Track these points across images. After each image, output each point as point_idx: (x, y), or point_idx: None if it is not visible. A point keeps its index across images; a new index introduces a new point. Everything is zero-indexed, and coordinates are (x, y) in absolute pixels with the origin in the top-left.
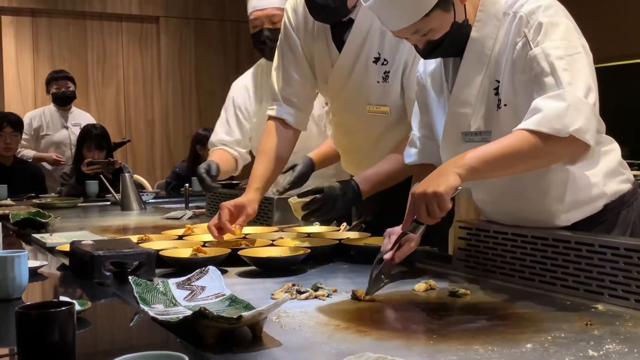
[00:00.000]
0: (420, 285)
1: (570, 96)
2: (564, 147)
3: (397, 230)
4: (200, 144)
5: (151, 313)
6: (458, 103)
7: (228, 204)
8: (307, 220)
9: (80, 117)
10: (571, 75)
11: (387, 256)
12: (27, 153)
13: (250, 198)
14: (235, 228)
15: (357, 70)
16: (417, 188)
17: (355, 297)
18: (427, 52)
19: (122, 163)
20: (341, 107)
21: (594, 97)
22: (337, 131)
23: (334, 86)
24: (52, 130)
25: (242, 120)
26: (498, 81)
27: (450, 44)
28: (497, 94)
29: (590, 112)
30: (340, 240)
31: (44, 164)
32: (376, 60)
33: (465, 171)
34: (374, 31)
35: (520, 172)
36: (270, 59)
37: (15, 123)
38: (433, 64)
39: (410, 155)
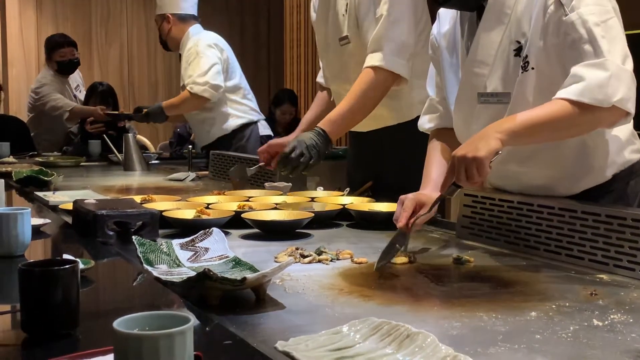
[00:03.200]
0: (400, 259)
1: (612, 65)
2: (605, 116)
3: (410, 196)
4: None
5: (155, 273)
6: (475, 63)
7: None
8: (289, 173)
9: (76, 78)
10: (609, 43)
11: (400, 224)
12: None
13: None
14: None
15: (332, 5)
16: (458, 151)
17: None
18: None
19: (126, 123)
20: (326, 47)
21: (630, 63)
22: (329, 80)
23: (319, 24)
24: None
25: None
26: (519, 42)
27: None
28: (517, 54)
29: (630, 80)
30: (344, 205)
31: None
32: None
33: (507, 136)
34: None
35: (558, 140)
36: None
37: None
38: (447, 25)
39: (431, 120)
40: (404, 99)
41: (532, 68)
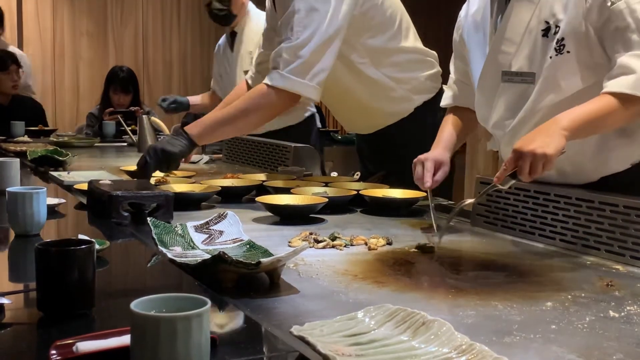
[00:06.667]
0: (379, 241)
1: None
2: None
3: (430, 156)
4: None
5: (169, 255)
6: (503, 41)
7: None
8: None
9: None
10: None
11: (427, 184)
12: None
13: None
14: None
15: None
16: (525, 145)
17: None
18: None
19: (143, 111)
20: None
21: None
22: None
23: None
24: None
25: None
26: (547, 22)
27: None
28: (544, 35)
29: None
30: (358, 191)
31: None
32: None
33: (571, 133)
34: None
35: (607, 132)
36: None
37: (16, 59)
38: (477, 4)
39: (446, 98)
40: (395, 98)
41: (568, 52)
